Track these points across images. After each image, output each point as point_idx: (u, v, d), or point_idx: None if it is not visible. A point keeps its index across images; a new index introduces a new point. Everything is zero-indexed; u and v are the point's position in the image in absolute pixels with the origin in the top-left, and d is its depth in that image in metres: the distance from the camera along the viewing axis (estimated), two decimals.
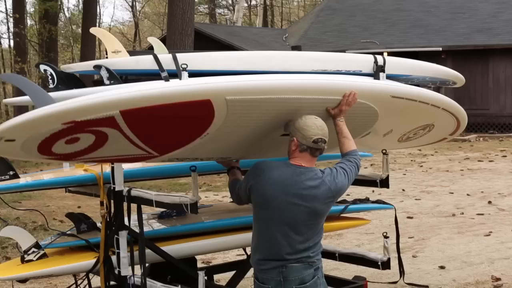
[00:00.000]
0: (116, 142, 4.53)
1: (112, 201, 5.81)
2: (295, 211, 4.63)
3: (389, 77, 6.32)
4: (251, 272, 7.38)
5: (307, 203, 4.62)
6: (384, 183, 6.27)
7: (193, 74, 5.11)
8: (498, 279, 7.92)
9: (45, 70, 5.25)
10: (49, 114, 4.00)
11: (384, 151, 6.26)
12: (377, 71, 6.18)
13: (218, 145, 5.00)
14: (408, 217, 11.73)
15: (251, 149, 5.35)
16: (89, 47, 32.84)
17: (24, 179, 6.11)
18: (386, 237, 6.54)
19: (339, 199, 7.39)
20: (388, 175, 6.26)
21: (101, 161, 5.18)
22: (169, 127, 4.58)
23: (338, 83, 5.13)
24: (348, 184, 4.89)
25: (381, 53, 6.33)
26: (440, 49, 26.44)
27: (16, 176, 5.97)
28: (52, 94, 4.99)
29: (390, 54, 6.36)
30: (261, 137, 5.11)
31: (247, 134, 5.06)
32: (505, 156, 19.74)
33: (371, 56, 6.27)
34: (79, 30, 38.62)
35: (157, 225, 6.33)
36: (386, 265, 6.61)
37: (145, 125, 4.45)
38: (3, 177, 5.95)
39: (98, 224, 6.08)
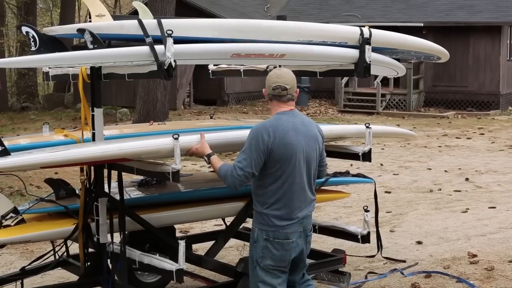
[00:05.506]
0: None
1: (92, 167, 5.73)
2: (312, 151, 5.10)
3: (375, 49, 6.30)
4: (230, 242, 7.38)
5: (316, 141, 5.15)
6: (367, 156, 6.24)
7: (178, 40, 5.05)
8: (474, 256, 7.96)
9: (27, 32, 5.16)
10: None
11: (367, 125, 6.23)
12: (362, 44, 6.15)
13: None
14: (386, 192, 11.76)
15: None
16: (68, 11, 32.56)
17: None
18: (366, 210, 6.52)
19: None
20: (370, 148, 6.23)
21: None
22: None
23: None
24: None
25: (362, 27, 6.30)
26: (422, 24, 26.40)
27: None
28: (33, 56, 4.92)
29: (371, 28, 6.33)
30: None
31: None
32: (483, 134, 19.82)
33: (357, 28, 6.23)
34: None
35: (137, 193, 6.27)
36: (365, 238, 6.60)
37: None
38: None
39: (77, 191, 6.01)
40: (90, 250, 5.88)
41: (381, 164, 14.62)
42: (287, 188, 4.98)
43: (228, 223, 6.97)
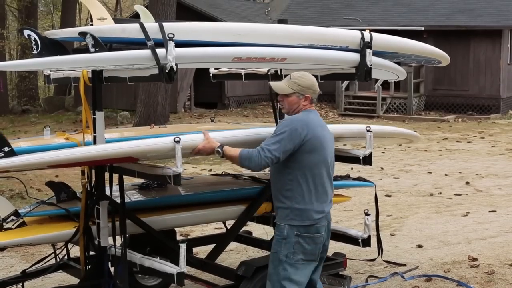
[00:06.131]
0: None
1: (93, 170, 5.74)
2: (333, 150, 5.39)
3: (376, 53, 6.31)
4: (230, 245, 7.38)
5: (333, 142, 5.45)
6: (367, 160, 6.24)
7: (179, 44, 5.06)
8: (475, 259, 7.96)
9: (28, 36, 5.17)
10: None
11: (367, 128, 6.24)
12: (363, 47, 6.16)
13: None
14: (387, 196, 11.76)
15: None
16: (69, 14, 32.58)
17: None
18: (367, 214, 6.53)
19: None
20: (371, 152, 6.24)
21: None
22: None
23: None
24: None
25: (363, 31, 6.31)
26: (422, 28, 26.40)
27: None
28: (35, 59, 4.93)
29: (372, 32, 6.34)
30: None
31: None
32: (483, 138, 19.82)
33: (358, 32, 6.24)
34: None
35: (138, 196, 6.27)
36: (366, 242, 6.61)
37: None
38: None
39: (78, 194, 6.02)
40: (91, 253, 5.88)
41: (382, 168, 14.62)
42: (318, 181, 5.15)
43: (228, 227, 6.97)
